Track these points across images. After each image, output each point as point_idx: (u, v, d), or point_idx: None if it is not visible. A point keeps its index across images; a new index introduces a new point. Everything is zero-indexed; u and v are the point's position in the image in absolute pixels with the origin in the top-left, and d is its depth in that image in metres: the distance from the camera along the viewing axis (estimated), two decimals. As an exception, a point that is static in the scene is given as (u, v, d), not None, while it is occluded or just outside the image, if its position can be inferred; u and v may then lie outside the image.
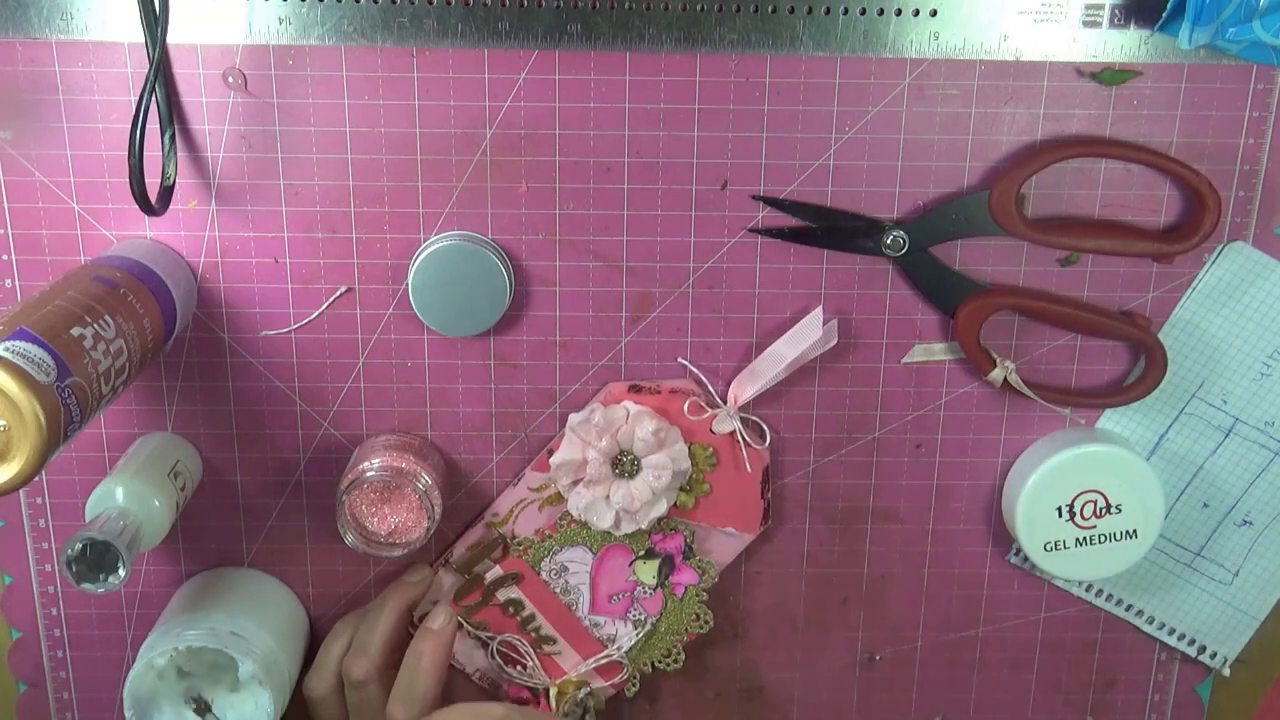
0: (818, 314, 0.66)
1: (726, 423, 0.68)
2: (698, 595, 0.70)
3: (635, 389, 0.68)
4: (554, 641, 0.71)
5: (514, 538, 0.70)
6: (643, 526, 0.67)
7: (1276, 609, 0.73)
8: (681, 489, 0.68)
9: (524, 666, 0.71)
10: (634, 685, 0.72)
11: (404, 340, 0.67)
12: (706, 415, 0.68)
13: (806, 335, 0.66)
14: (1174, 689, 0.76)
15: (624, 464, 0.67)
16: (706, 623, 0.71)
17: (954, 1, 0.62)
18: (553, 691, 0.71)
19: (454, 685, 0.72)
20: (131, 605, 0.72)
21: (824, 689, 0.76)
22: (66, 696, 0.74)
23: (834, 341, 0.66)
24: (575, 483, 0.67)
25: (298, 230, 0.65)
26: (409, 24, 0.61)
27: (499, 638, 0.71)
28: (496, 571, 0.70)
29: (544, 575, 0.70)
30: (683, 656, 0.72)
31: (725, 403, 0.68)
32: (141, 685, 0.65)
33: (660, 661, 0.72)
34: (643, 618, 0.71)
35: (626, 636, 0.71)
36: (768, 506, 0.70)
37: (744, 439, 0.68)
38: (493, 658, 0.71)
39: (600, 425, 0.66)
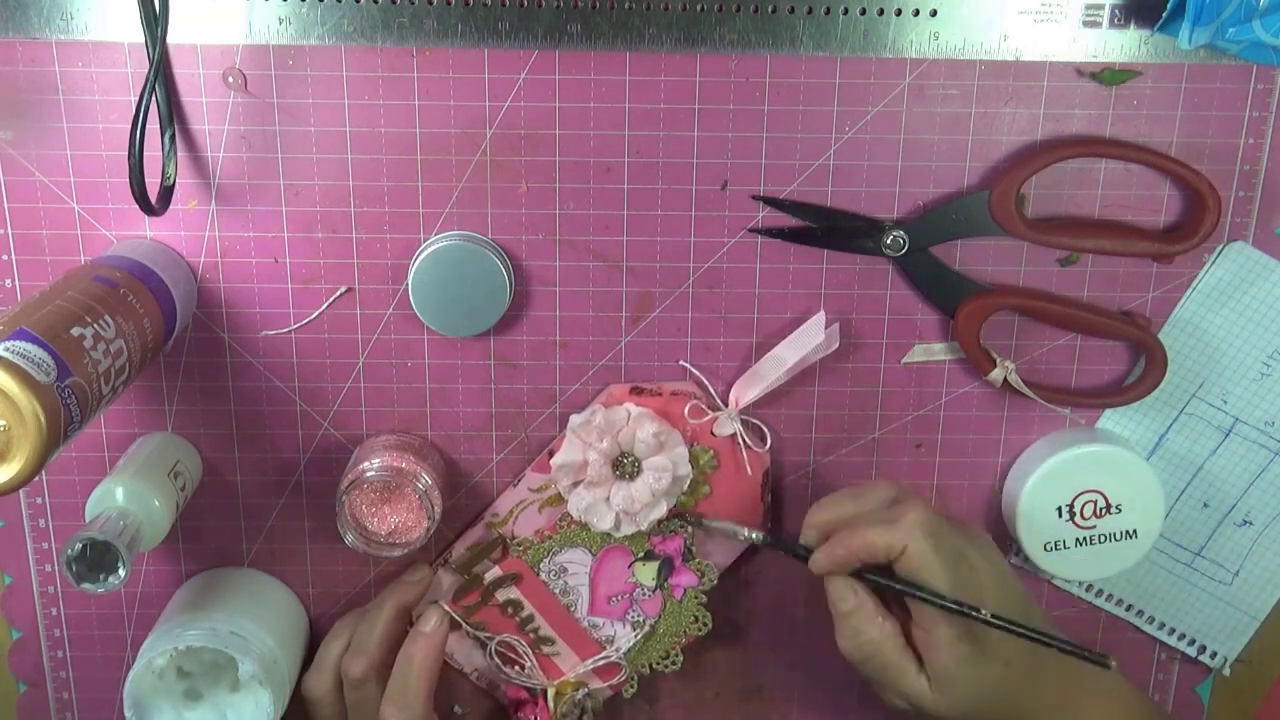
0: (820, 318, 0.66)
1: (727, 425, 0.68)
2: (696, 597, 0.70)
3: (636, 391, 0.68)
4: (552, 642, 0.71)
5: (513, 538, 0.70)
6: (642, 528, 0.67)
7: (1276, 609, 0.73)
8: (682, 491, 0.68)
9: (522, 667, 0.71)
10: (632, 686, 0.72)
11: (404, 340, 0.67)
12: (708, 418, 0.68)
13: (809, 339, 0.66)
14: (1174, 689, 0.76)
15: (625, 466, 0.67)
16: (705, 625, 0.71)
17: (954, 1, 0.62)
18: (551, 692, 0.71)
19: (452, 685, 0.72)
20: (131, 605, 0.72)
21: (824, 689, 0.76)
22: (66, 696, 0.74)
23: (836, 345, 0.66)
24: (576, 484, 0.67)
25: (298, 230, 0.65)
26: (409, 24, 0.61)
27: (497, 638, 0.71)
28: (495, 572, 0.70)
29: (543, 576, 0.70)
30: (681, 658, 0.72)
31: (726, 405, 0.68)
32: (141, 685, 0.65)
33: (659, 663, 0.72)
34: (641, 619, 0.71)
35: (625, 638, 0.71)
36: (767, 509, 0.70)
37: (745, 442, 0.68)
38: (491, 658, 0.71)
39: (601, 427, 0.66)
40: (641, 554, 0.70)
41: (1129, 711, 0.65)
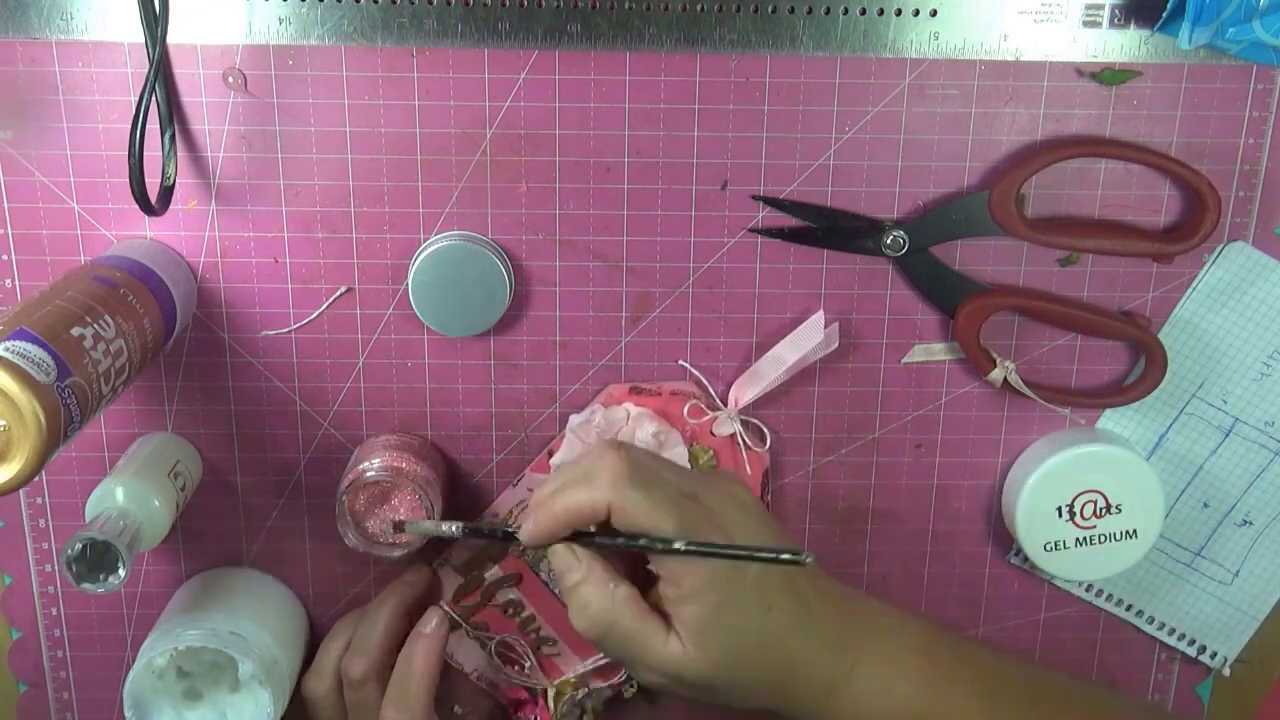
0: (819, 318, 0.66)
1: (727, 425, 0.68)
2: None
3: (636, 391, 0.68)
4: (553, 643, 0.71)
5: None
6: None
7: (1276, 609, 0.73)
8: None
9: (522, 667, 0.71)
10: (631, 686, 0.72)
11: (404, 340, 0.67)
12: (707, 418, 0.68)
13: (808, 339, 0.66)
14: (1174, 689, 0.76)
15: None
16: None
17: (954, 1, 0.62)
18: (551, 692, 0.71)
19: (452, 685, 0.72)
20: (131, 605, 0.72)
21: (824, 689, 0.76)
22: (66, 696, 0.74)
23: (835, 345, 0.66)
24: None
25: (298, 230, 0.65)
26: (409, 24, 0.61)
27: (498, 638, 0.71)
28: (496, 572, 0.70)
29: (543, 576, 0.70)
30: None
31: (725, 405, 0.68)
32: (141, 685, 0.65)
33: None
34: None
35: None
36: (768, 509, 0.70)
37: (744, 442, 0.68)
38: (491, 658, 0.71)
39: (601, 427, 0.66)
40: None
41: (912, 640, 0.60)
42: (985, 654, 0.63)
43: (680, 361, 0.68)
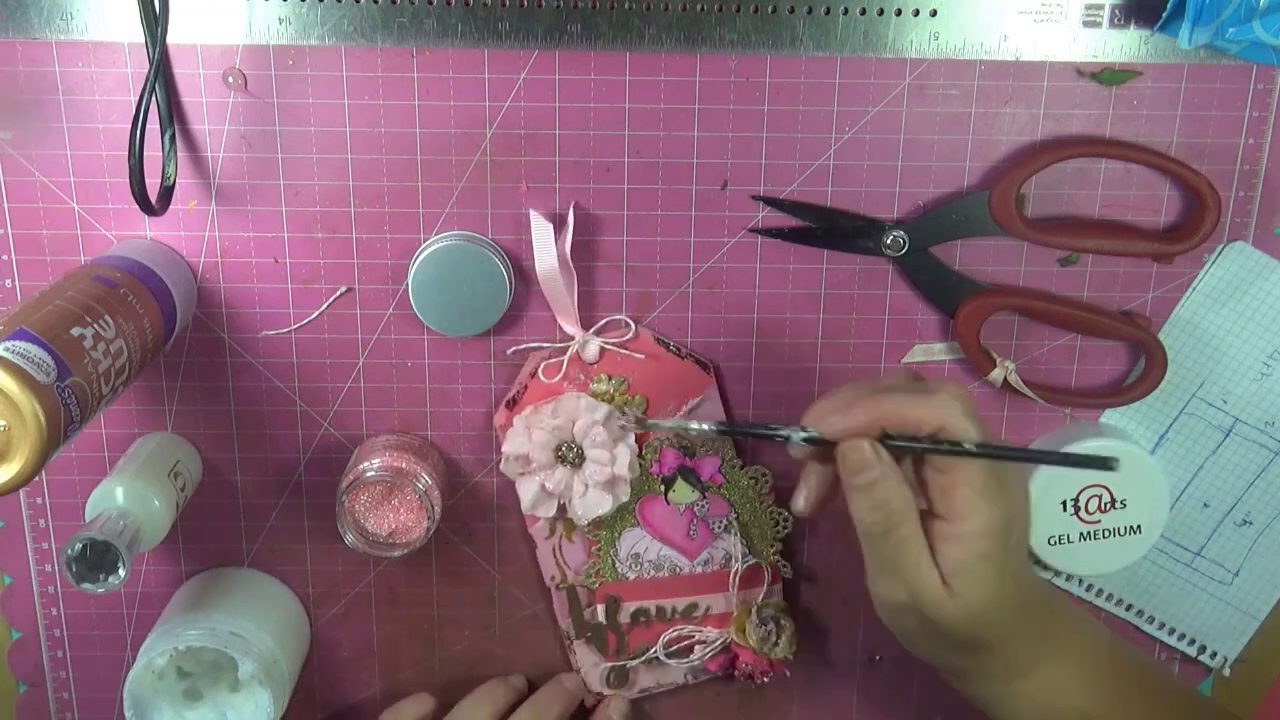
0: (537, 216, 0.64)
1: (592, 351, 0.67)
2: (759, 488, 0.70)
3: (510, 405, 0.67)
4: (695, 606, 0.71)
5: (578, 575, 0.70)
6: (624, 499, 0.67)
7: (1276, 609, 0.73)
8: (635, 416, 0.66)
9: (702, 643, 0.71)
10: (786, 569, 0.71)
11: (404, 340, 0.67)
12: (570, 354, 0.66)
13: (543, 242, 0.64)
14: (1174, 689, 0.76)
15: (568, 454, 0.66)
16: (784, 522, 0.70)
17: (954, 1, 0.62)
18: (734, 632, 0.71)
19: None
20: (131, 605, 0.72)
21: (824, 689, 0.76)
22: (66, 696, 0.74)
23: (569, 232, 0.64)
24: (524, 473, 0.67)
25: (298, 230, 0.65)
26: (409, 24, 0.61)
27: (661, 643, 0.71)
28: (601, 610, 0.70)
29: (631, 575, 0.70)
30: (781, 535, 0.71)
31: (573, 337, 0.67)
32: (141, 685, 0.65)
33: (773, 545, 0.71)
34: (724, 521, 0.70)
35: (730, 543, 0.70)
36: (697, 359, 0.68)
37: (616, 347, 0.67)
38: (674, 661, 0.71)
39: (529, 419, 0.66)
40: (662, 486, 0.69)
41: (1095, 639, 0.62)
42: (1161, 672, 0.65)
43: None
